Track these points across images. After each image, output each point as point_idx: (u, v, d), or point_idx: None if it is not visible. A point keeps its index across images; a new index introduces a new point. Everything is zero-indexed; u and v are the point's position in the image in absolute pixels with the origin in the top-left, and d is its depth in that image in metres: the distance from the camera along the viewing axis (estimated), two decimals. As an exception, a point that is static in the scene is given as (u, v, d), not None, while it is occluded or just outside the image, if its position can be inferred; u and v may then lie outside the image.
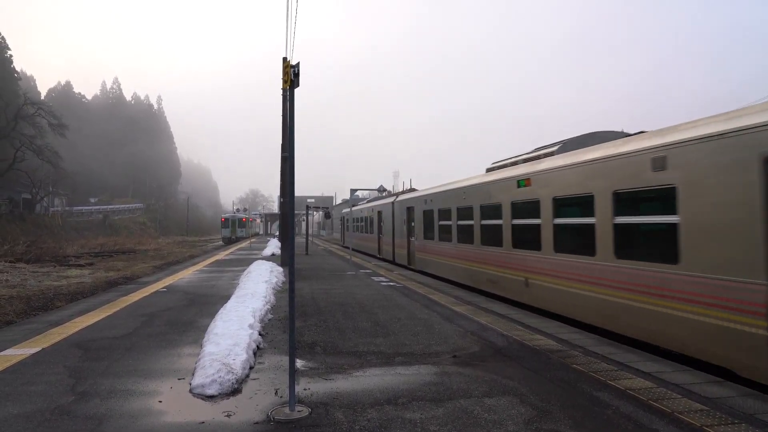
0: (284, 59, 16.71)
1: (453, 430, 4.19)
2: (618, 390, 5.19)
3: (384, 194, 31.32)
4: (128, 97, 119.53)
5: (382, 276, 17.11)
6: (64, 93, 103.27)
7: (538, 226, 10.04)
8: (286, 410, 4.59)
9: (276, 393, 5.12)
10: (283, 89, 16.67)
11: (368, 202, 32.12)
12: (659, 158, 6.83)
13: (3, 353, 6.68)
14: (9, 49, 60.58)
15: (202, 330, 7.74)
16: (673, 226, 6.57)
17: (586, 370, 5.92)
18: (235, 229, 60.48)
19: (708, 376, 5.72)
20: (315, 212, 40.58)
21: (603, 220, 7.94)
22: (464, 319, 9.09)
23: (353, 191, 24.92)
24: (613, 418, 4.45)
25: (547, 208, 9.69)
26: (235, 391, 5.15)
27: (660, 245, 6.83)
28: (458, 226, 14.48)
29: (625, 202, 7.56)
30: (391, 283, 14.80)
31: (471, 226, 13.46)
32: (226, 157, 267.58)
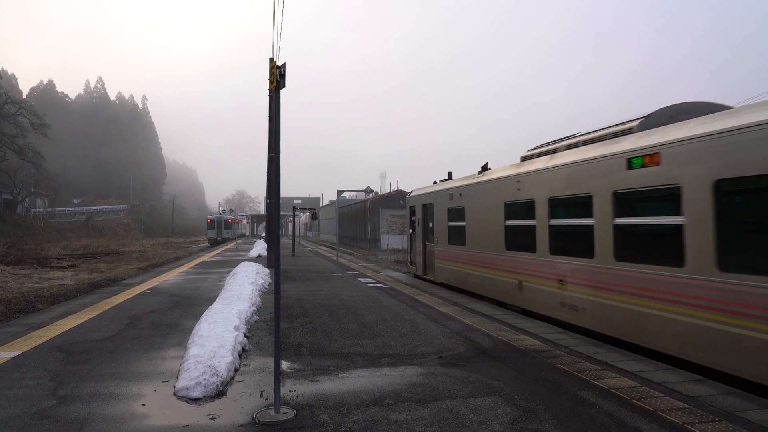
0: (271, 60, 16.58)
1: (438, 431, 4.19)
2: (602, 389, 5.24)
3: (371, 195, 28.52)
4: (112, 96, 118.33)
5: (368, 277, 17.10)
6: (46, 92, 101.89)
7: None
8: (272, 412, 4.57)
9: (261, 395, 5.09)
10: (270, 90, 16.62)
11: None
12: None
13: (-18, 357, 6.55)
14: (-11, 47, 59.61)
15: (187, 332, 7.67)
16: None
17: (571, 369, 5.97)
18: (221, 230, 60.10)
19: (690, 375, 5.80)
20: (302, 213, 38.10)
21: None
22: (450, 320, 9.12)
23: (340, 192, 24.89)
24: (596, 417, 4.49)
25: None
26: (219, 394, 5.11)
27: None
28: None
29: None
30: (378, 285, 14.80)
31: None
32: (213, 158, 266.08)
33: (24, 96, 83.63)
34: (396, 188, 59.42)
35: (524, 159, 10.99)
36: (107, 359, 6.48)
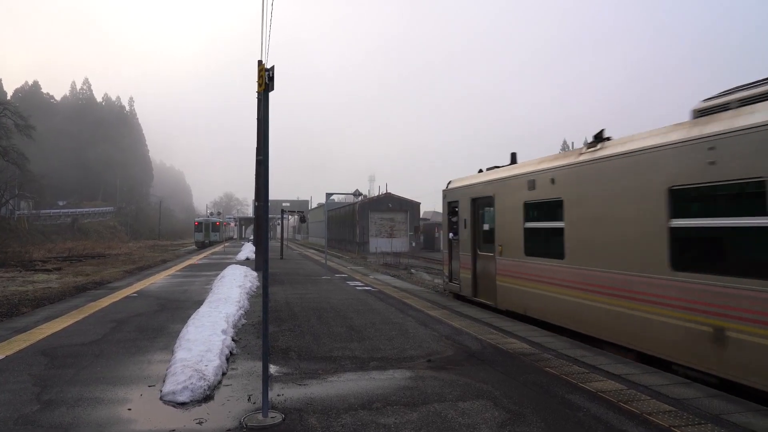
0: (259, 62, 16.59)
1: (427, 435, 4.19)
2: (589, 392, 5.27)
3: (360, 198, 28.09)
4: (99, 98, 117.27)
5: (357, 280, 17.08)
6: (31, 93, 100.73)
7: None
8: (259, 416, 4.54)
9: (249, 399, 5.06)
10: (258, 93, 16.56)
11: None
12: None
13: (-36, 361, 6.44)
14: (-27, 47, 58.86)
15: (174, 336, 7.60)
16: None
17: (559, 373, 6.00)
18: (209, 233, 59.71)
19: (676, 378, 5.86)
20: (290, 216, 37.76)
21: None
22: (439, 323, 9.13)
23: (329, 195, 24.81)
24: (584, 421, 4.51)
25: None
26: (207, 398, 5.07)
27: None
28: None
29: None
30: (367, 288, 14.79)
31: None
32: (201, 161, 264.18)
33: (8, 97, 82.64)
34: (385, 191, 59.40)
35: (702, 113, 6.63)
36: (92, 363, 6.40)
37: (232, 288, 11.88)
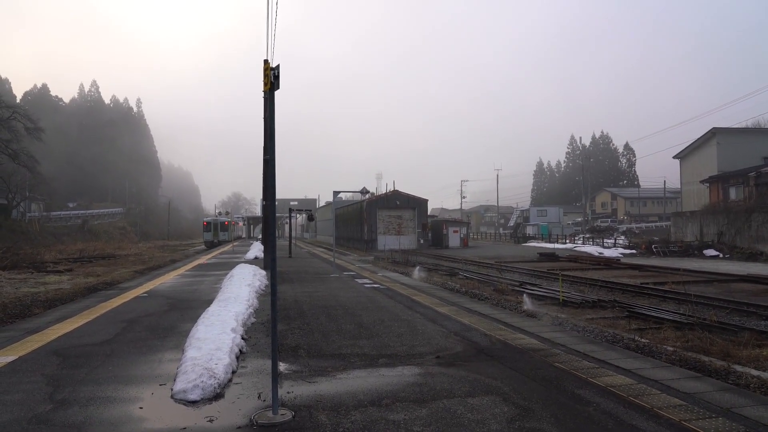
0: (265, 62, 16.58)
1: (436, 430, 4.20)
2: (599, 387, 5.26)
3: (368, 196, 28.06)
4: (107, 99, 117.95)
5: (366, 278, 17.11)
6: (40, 96, 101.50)
7: None
8: (269, 414, 4.57)
9: (259, 397, 5.09)
10: (264, 92, 16.59)
11: None
12: None
13: (-22, 362, 6.52)
14: (-17, 51, 59.30)
15: (184, 335, 7.66)
16: None
17: (568, 368, 5.99)
18: (218, 232, 59.95)
19: (687, 372, 5.83)
20: (298, 215, 37.54)
21: None
22: (447, 320, 9.13)
23: (336, 193, 24.77)
24: (594, 415, 4.50)
25: None
26: (217, 396, 5.11)
27: None
28: None
29: None
30: (375, 285, 14.81)
31: None
32: (209, 161, 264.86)
33: (18, 100, 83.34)
34: (392, 189, 59.38)
35: None
36: (104, 363, 6.46)
37: (241, 287, 11.94)
